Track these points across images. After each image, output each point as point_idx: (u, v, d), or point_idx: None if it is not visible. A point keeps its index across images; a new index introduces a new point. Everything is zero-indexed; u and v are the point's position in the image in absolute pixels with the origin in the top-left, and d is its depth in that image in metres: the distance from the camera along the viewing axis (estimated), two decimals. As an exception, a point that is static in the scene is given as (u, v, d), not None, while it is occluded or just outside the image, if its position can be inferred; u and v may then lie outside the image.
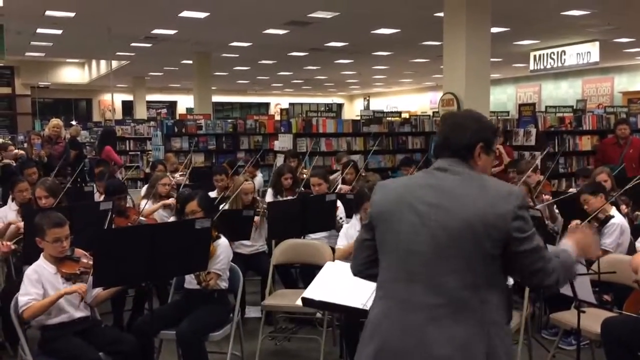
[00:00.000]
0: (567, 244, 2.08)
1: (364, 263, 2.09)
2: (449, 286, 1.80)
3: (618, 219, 4.32)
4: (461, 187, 1.85)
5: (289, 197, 5.61)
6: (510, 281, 3.70)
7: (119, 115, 24.68)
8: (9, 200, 5.17)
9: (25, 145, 11.55)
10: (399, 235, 1.89)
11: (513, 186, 1.92)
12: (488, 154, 1.98)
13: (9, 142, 11.59)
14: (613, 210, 4.40)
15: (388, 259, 1.94)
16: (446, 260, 1.81)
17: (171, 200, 5.57)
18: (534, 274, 1.86)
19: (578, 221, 4.23)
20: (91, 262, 3.31)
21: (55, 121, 9.52)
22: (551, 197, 5.30)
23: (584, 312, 3.30)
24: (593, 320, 3.44)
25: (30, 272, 3.31)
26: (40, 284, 3.26)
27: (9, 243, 4.19)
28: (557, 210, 5.20)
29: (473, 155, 1.93)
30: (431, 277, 1.82)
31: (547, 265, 1.86)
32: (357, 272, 2.14)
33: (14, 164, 8.29)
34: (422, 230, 1.84)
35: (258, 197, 5.74)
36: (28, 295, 3.20)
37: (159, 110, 28.48)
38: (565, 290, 3.30)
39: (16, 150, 9.70)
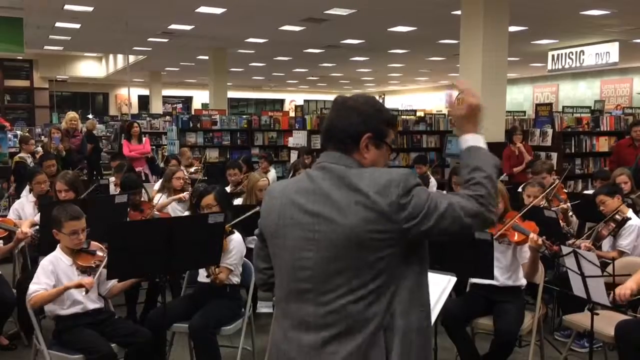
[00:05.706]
0: (467, 136, 1.76)
1: (264, 275, 1.91)
2: (340, 302, 1.64)
3: (636, 221, 4.28)
4: (339, 190, 1.65)
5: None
6: (523, 282, 3.74)
7: (135, 109, 24.89)
8: (26, 192, 5.23)
9: (44, 138, 11.69)
10: (286, 250, 1.73)
11: (394, 172, 1.65)
12: (378, 147, 1.73)
13: (29, 135, 11.72)
14: (630, 212, 4.36)
15: (279, 276, 1.79)
16: (334, 274, 1.64)
17: (184, 194, 5.61)
18: (462, 229, 1.64)
19: None
20: (106, 255, 3.35)
21: (71, 114, 9.61)
22: (568, 203, 5.27)
23: (597, 314, 3.27)
24: (607, 322, 3.41)
25: (45, 262, 3.35)
26: (54, 275, 3.30)
27: (27, 230, 4.23)
28: (571, 214, 5.17)
29: (359, 147, 1.71)
30: (321, 294, 1.66)
31: (463, 209, 1.61)
32: (261, 284, 1.96)
33: (29, 159, 8.35)
34: (307, 244, 1.67)
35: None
36: (38, 285, 3.24)
37: (175, 105, 28.68)
38: (579, 292, 3.27)
39: (37, 148, 9.79)
